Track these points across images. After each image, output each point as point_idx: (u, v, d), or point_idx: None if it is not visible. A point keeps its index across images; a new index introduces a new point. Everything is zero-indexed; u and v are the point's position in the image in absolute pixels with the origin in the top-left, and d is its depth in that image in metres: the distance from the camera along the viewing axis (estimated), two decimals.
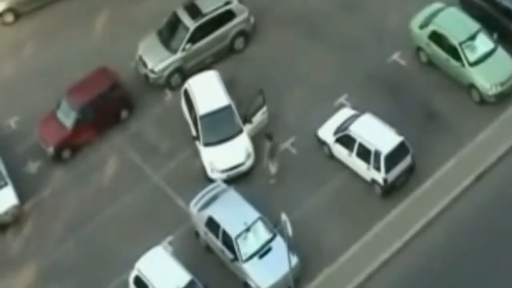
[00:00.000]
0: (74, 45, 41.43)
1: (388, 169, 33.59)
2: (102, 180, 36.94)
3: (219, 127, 35.93)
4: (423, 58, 37.98)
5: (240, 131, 35.86)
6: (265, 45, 40.07)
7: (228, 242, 32.52)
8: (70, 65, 40.04)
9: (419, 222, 33.90)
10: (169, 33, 38.73)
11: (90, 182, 36.90)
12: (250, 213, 32.79)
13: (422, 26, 37.47)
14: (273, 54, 39.73)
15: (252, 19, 39.48)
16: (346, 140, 34.73)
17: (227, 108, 35.95)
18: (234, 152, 35.63)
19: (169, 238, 34.45)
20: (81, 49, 41.16)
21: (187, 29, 38.11)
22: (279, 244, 32.48)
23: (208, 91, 36.56)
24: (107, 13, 42.14)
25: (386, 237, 33.72)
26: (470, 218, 33.82)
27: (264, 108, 36.52)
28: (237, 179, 35.52)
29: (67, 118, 36.99)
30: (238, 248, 32.17)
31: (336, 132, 35.14)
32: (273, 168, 35.75)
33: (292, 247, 31.88)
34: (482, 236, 33.35)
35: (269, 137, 35.26)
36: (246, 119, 36.10)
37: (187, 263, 32.73)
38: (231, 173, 35.43)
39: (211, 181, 35.38)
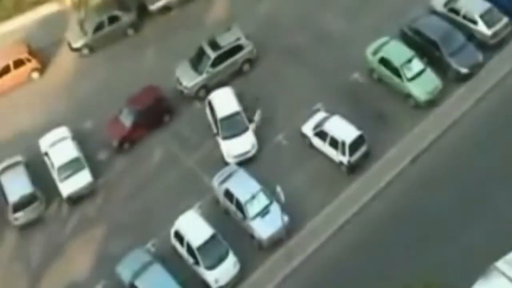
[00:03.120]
0: (130, 70, 45.69)
1: (351, 154, 38.26)
2: (152, 164, 41.37)
3: (232, 126, 40.18)
4: (375, 76, 42.47)
5: (247, 129, 40.44)
6: (264, 68, 44.34)
7: (239, 206, 37.14)
8: (127, 84, 44.06)
9: (372, 191, 38.76)
10: (197, 60, 43.12)
11: (143, 166, 41.35)
12: (255, 186, 37.31)
13: (374, 53, 42.22)
14: (269, 75, 43.90)
15: (255, 51, 43.97)
16: (321, 134, 39.14)
17: (237, 113, 40.44)
18: (243, 143, 40.02)
19: (198, 204, 39.09)
20: (135, 73, 45.27)
21: (209, 57, 42.55)
22: (275, 207, 36.93)
23: (224, 101, 40.88)
24: (154, 46, 46.90)
25: (349, 202, 38.41)
26: (408, 190, 38.35)
27: (259, 111, 40.51)
28: (246, 162, 39.98)
29: (127, 120, 41.70)
30: (247, 210, 36.94)
31: (314, 128, 39.75)
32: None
33: (284, 209, 36.09)
34: (415, 201, 37.95)
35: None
36: (250, 120, 40.93)
37: (211, 221, 37.13)
38: (241, 158, 40.11)
39: (227, 164, 39.91)
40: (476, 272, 30.80)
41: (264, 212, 37.12)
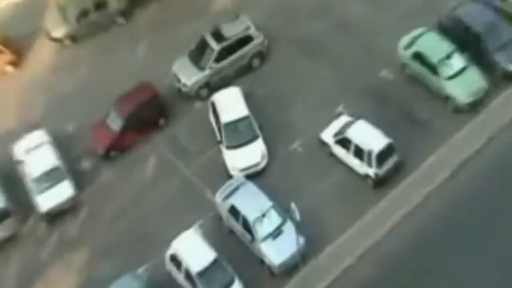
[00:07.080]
0: (120, 64, 45.04)
1: (379, 166, 37.46)
2: (143, 175, 40.88)
3: (239, 133, 39.47)
4: (408, 73, 41.78)
5: (256, 137, 39.60)
6: (277, 64, 43.95)
7: (247, 225, 36.26)
8: (116, 81, 43.59)
9: (404, 209, 37.72)
10: (198, 54, 42.65)
11: (134, 177, 40.90)
12: (265, 202, 36.46)
13: (407, 47, 41.44)
14: (283, 71, 43.54)
15: (266, 42, 43.55)
16: (344, 142, 38.49)
17: (246, 118, 39.68)
18: (251, 154, 39.21)
19: (199, 222, 38.39)
20: (126, 68, 44.68)
21: (213, 50, 42.10)
22: (289, 227, 36.03)
23: (231, 103, 40.24)
24: (148, 37, 46.42)
25: (376, 221, 37.50)
26: (446, 208, 37.70)
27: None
28: (255, 174, 39.11)
29: (115, 123, 40.94)
30: (256, 231, 36.01)
31: (335, 135, 38.97)
32: None
33: (300, 229, 34.33)
34: (455, 222, 37.26)
35: None
36: (261, 127, 39.99)
37: (214, 243, 36.56)
38: (249, 171, 39.09)
39: (231, 177, 39.02)
40: None
41: (276, 233, 36.38)
